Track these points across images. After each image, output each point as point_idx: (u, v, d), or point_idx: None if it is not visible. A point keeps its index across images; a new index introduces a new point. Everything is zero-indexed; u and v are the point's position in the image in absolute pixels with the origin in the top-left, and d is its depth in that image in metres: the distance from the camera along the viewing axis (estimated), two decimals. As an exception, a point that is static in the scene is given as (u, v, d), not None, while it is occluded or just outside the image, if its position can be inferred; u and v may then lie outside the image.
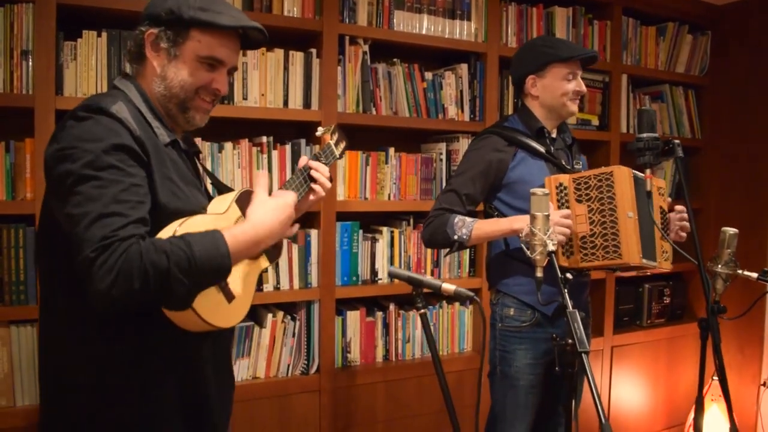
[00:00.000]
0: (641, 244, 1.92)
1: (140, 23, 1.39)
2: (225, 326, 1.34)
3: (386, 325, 2.78)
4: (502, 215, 2.08)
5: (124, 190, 1.19)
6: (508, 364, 2.08)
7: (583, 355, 1.47)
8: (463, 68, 2.84)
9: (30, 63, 2.12)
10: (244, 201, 1.41)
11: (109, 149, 1.20)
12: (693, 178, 3.61)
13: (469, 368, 2.87)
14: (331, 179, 1.66)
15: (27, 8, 2.10)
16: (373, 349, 2.77)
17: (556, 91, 2.08)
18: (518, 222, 1.92)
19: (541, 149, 2.08)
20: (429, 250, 2.84)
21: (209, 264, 1.20)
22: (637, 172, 1.98)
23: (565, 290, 1.58)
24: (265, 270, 1.56)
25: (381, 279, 2.75)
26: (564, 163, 2.12)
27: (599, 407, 1.36)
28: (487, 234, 2.00)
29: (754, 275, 2.04)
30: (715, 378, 3.28)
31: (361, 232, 2.70)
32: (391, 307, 2.78)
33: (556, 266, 1.62)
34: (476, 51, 2.85)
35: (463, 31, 2.83)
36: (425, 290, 1.59)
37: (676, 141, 1.89)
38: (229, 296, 1.34)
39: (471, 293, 1.46)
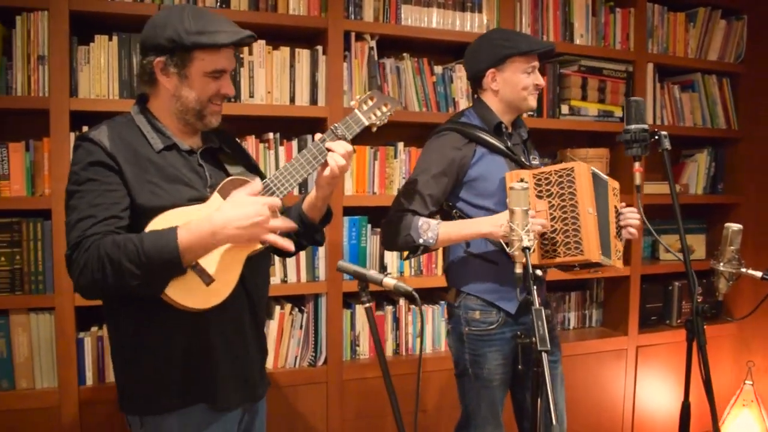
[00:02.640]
0: (600, 241, 1.87)
1: (145, 54, 1.55)
2: (203, 308, 1.47)
3: (396, 320, 2.80)
4: (463, 214, 2.05)
5: (98, 196, 1.43)
6: (479, 367, 2.03)
7: (543, 354, 1.45)
8: (475, 61, 2.81)
9: (46, 67, 2.25)
10: (227, 189, 1.52)
11: (87, 166, 1.46)
12: (729, 171, 3.43)
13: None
14: (353, 151, 1.67)
15: (42, 15, 2.23)
16: (383, 342, 2.79)
17: (517, 86, 2.04)
18: (485, 226, 1.91)
19: (501, 145, 2.04)
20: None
21: (158, 256, 1.35)
22: (596, 170, 1.94)
23: (534, 288, 1.55)
24: (258, 251, 1.57)
25: (390, 273, 2.76)
26: (522, 158, 2.07)
27: (551, 409, 1.34)
28: (455, 239, 1.99)
29: (758, 274, 1.94)
30: (748, 382, 3.14)
31: (369, 226, 2.73)
32: (401, 301, 2.80)
33: (529, 263, 1.60)
34: (488, 43, 2.81)
35: (474, 24, 2.80)
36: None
37: (663, 132, 1.81)
38: (207, 279, 1.47)
39: (409, 289, 1.47)
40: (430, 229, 1.95)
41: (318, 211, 1.74)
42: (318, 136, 1.64)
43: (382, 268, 2.76)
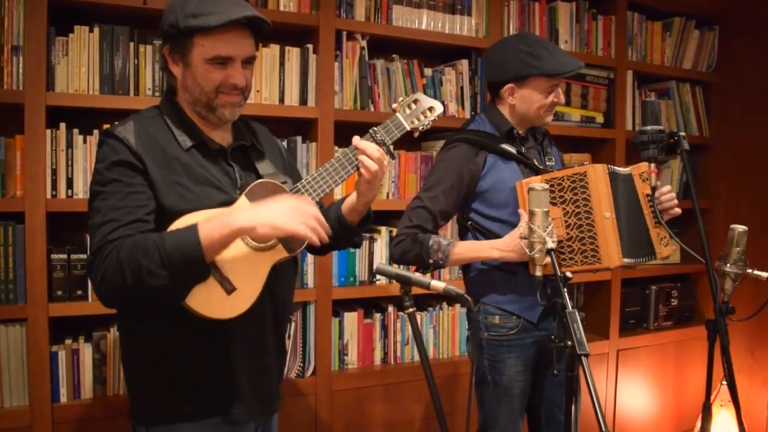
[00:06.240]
0: (629, 241, 1.85)
1: (160, 42, 1.49)
2: (224, 317, 1.38)
3: (385, 327, 2.72)
4: (478, 225, 2.00)
5: (122, 198, 1.34)
6: (499, 373, 1.98)
7: (582, 358, 1.41)
8: (464, 64, 2.79)
9: (21, 59, 2.09)
10: (256, 193, 1.44)
11: (110, 166, 1.37)
12: (701, 177, 3.52)
13: (468, 372, 2.80)
14: (393, 156, 1.56)
15: (18, 3, 2.08)
16: (371, 351, 2.71)
17: (534, 104, 1.97)
18: (496, 252, 1.88)
19: (513, 151, 1.97)
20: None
21: (180, 252, 1.26)
22: (612, 167, 1.88)
23: (565, 289, 1.52)
24: (285, 260, 1.48)
25: (379, 280, 2.69)
26: (536, 162, 2.02)
27: (600, 414, 1.30)
28: (466, 261, 1.99)
29: (765, 275, 1.97)
30: (725, 383, 3.20)
31: (358, 231, 2.65)
32: (390, 308, 2.73)
33: (556, 265, 1.56)
34: (477, 47, 2.79)
35: (463, 27, 2.78)
36: (426, 291, 1.50)
37: (682, 133, 1.82)
38: (228, 288, 1.37)
39: (461, 291, 1.40)
40: (440, 250, 1.90)
41: (358, 215, 1.62)
42: (355, 139, 1.54)
43: (371, 275, 2.68)
